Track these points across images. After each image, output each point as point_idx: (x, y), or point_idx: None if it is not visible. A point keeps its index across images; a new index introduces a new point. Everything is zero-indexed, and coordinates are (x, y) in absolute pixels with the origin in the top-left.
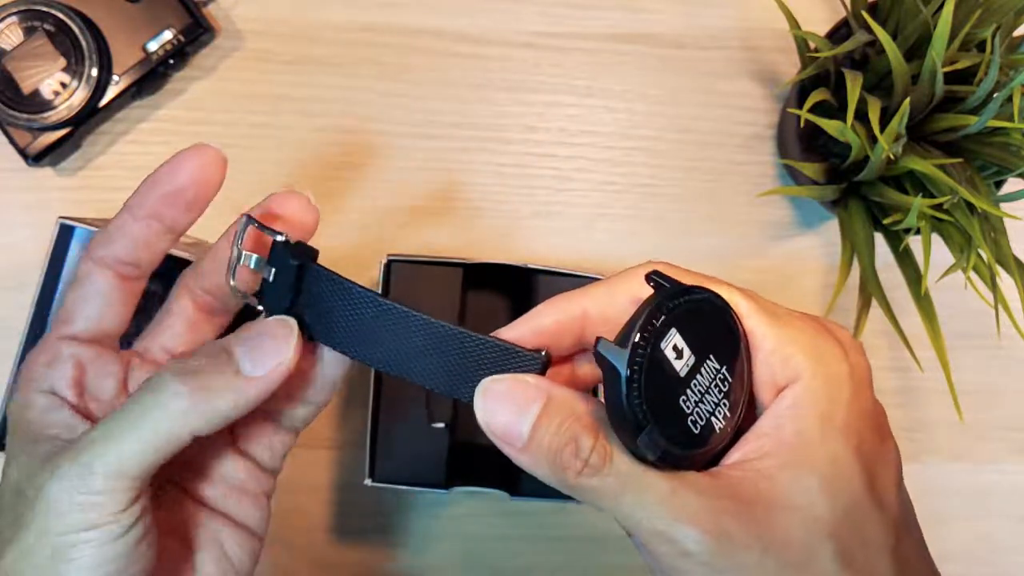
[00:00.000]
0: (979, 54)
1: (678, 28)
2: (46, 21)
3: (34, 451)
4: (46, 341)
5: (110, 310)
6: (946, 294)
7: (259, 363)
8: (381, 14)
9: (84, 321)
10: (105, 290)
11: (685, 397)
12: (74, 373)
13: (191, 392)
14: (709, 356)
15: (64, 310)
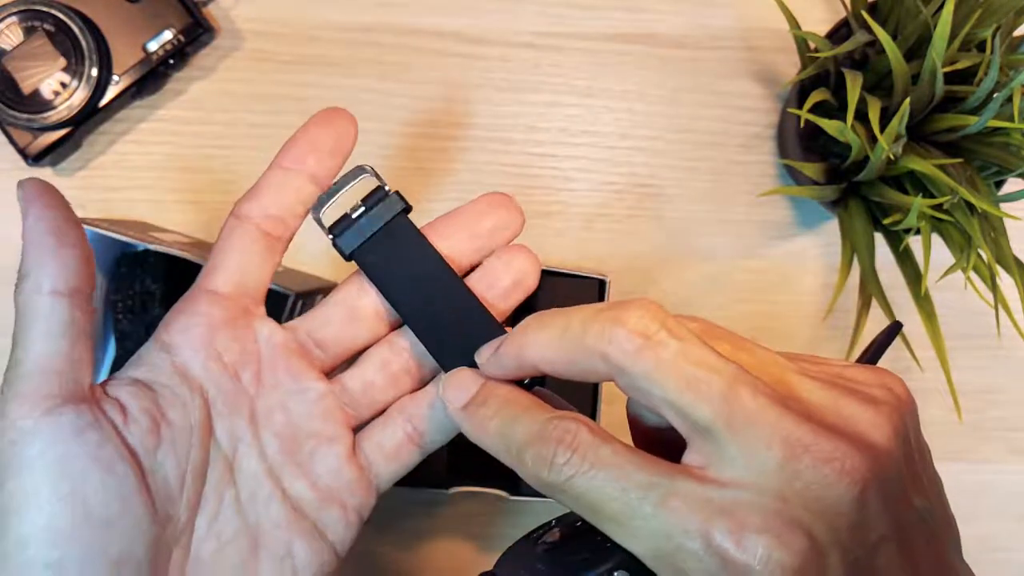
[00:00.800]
0: (979, 54)
1: (678, 28)
2: (46, 21)
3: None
4: (190, 294)
5: (253, 264)
6: (946, 294)
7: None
8: (381, 14)
9: (226, 276)
10: (248, 244)
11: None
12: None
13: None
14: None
15: (207, 265)
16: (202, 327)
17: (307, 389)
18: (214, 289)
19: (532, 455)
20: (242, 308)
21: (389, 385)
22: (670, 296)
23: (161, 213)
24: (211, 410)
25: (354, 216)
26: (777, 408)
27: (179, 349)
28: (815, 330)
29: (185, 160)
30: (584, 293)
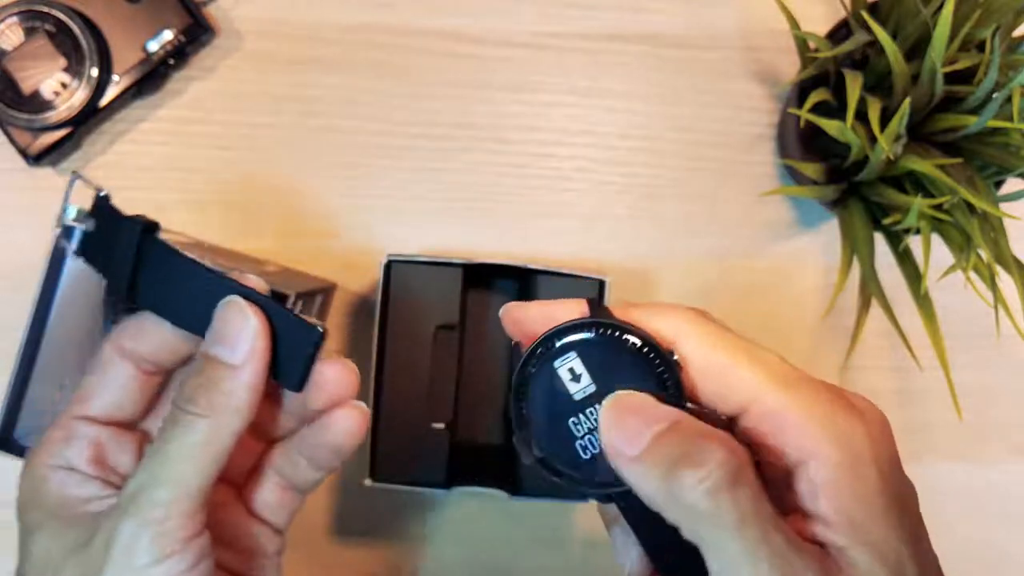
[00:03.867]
0: (979, 54)
1: (678, 28)
2: (46, 22)
3: (62, 519)
4: (61, 418)
5: (128, 399)
6: (946, 294)
7: (236, 344)
8: (381, 14)
9: (101, 405)
10: (125, 381)
11: (576, 420)
12: (92, 451)
13: (205, 410)
14: (615, 391)
15: (82, 391)
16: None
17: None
18: (89, 415)
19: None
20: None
21: (249, 454)
22: (670, 296)
23: (161, 213)
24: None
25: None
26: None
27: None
28: (815, 330)
29: (185, 160)
30: (584, 293)
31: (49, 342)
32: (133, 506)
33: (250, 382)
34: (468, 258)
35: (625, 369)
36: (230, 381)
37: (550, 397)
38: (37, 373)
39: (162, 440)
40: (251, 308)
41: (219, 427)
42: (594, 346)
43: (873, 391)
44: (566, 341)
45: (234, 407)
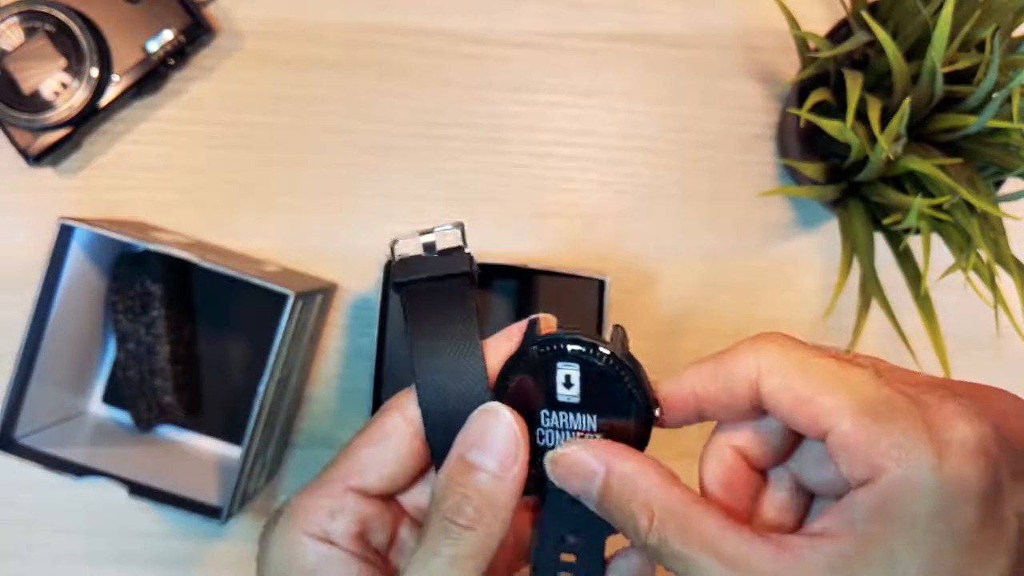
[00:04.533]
0: (979, 54)
1: (678, 28)
2: (46, 22)
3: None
4: (330, 487)
5: (404, 473)
6: (946, 294)
7: (505, 458)
8: (381, 14)
9: (380, 479)
10: (406, 452)
11: (547, 413)
12: (358, 528)
13: (474, 523)
14: (592, 414)
15: (358, 460)
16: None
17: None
18: (363, 488)
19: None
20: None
21: (504, 570)
22: (670, 296)
23: (161, 213)
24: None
25: (422, 255)
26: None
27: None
28: (815, 330)
29: (185, 160)
30: (584, 293)
31: (49, 342)
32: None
33: (514, 491)
34: None
35: (612, 402)
36: (495, 493)
37: (534, 383)
38: (37, 373)
39: (430, 552)
40: (516, 420)
41: (486, 540)
42: (596, 369)
43: None
44: (578, 351)
45: (500, 519)
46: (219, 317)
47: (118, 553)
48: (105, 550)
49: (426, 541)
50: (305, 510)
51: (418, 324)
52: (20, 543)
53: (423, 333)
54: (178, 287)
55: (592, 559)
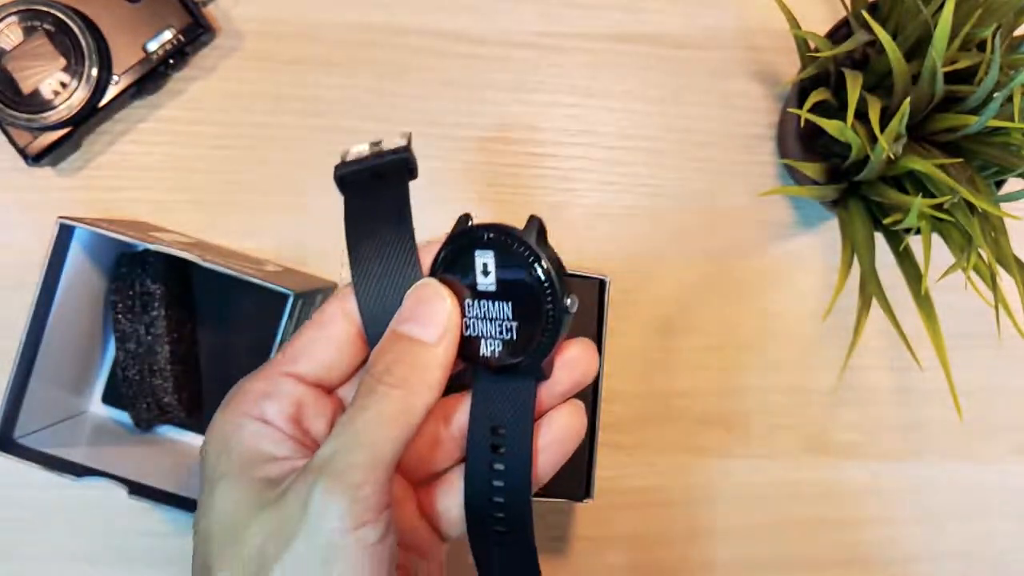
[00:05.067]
0: (979, 54)
1: (678, 28)
2: (46, 21)
3: (252, 476)
4: (267, 370)
5: (339, 364)
6: (946, 294)
7: (433, 325)
8: (381, 14)
9: (312, 364)
10: (342, 343)
11: (470, 303)
12: (292, 410)
13: (400, 384)
14: (507, 301)
15: (293, 347)
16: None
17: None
18: (297, 373)
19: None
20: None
21: (443, 458)
22: (670, 296)
23: (161, 213)
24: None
25: (364, 154)
26: None
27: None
28: (815, 330)
29: (185, 160)
30: (584, 293)
31: (49, 341)
32: (329, 468)
33: (443, 360)
34: None
35: (525, 289)
36: (424, 356)
37: (461, 273)
38: (37, 373)
39: (357, 408)
40: (445, 290)
41: (412, 399)
42: (509, 255)
43: (873, 391)
44: (492, 237)
45: (427, 381)
46: (219, 317)
47: (118, 553)
48: (105, 550)
49: (354, 401)
50: (243, 392)
51: (354, 219)
52: (20, 543)
53: (359, 228)
54: (178, 287)
55: (520, 443)
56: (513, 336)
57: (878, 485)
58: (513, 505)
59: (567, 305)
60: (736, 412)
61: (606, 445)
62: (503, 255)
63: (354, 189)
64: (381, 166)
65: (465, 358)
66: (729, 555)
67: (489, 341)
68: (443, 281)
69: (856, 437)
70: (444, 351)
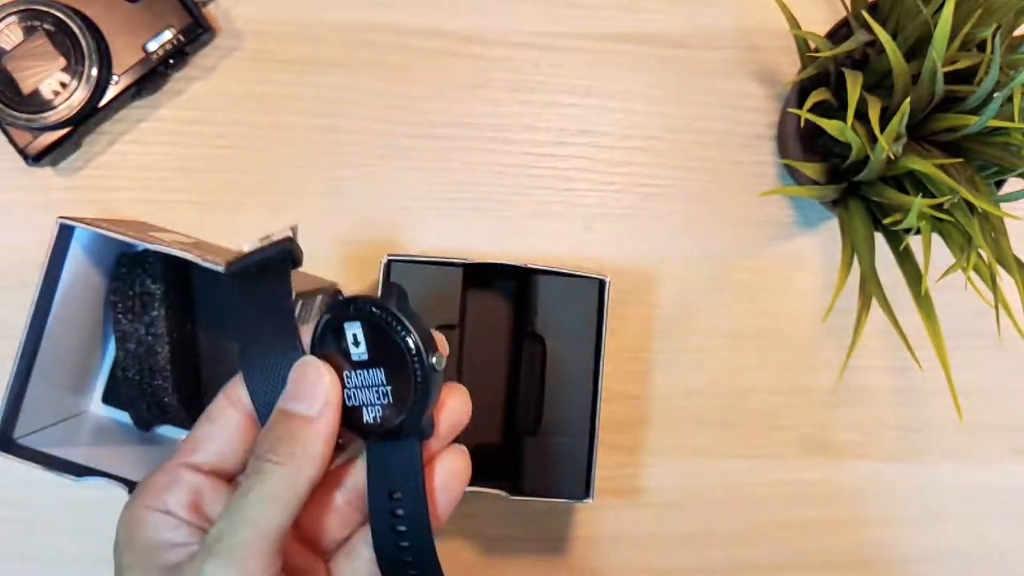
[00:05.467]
0: (979, 54)
1: (678, 28)
2: (46, 21)
3: (153, 564)
4: (168, 464)
5: (232, 450)
6: (946, 294)
7: (314, 399)
8: (381, 14)
9: (207, 454)
10: (233, 431)
11: (348, 374)
12: (191, 498)
13: (284, 458)
14: (380, 368)
15: (192, 439)
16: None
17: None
18: (194, 464)
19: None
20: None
21: (343, 525)
22: (670, 296)
23: (161, 213)
24: None
25: (254, 248)
26: None
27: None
28: (815, 330)
29: (185, 160)
30: (584, 293)
31: (49, 341)
32: (217, 546)
33: (325, 432)
34: (468, 258)
35: (393, 352)
36: (306, 431)
37: (337, 347)
38: (37, 373)
39: (243, 489)
40: (324, 366)
41: (296, 474)
42: (373, 322)
43: (873, 391)
44: (356, 308)
45: (310, 455)
46: (219, 317)
47: None
48: (105, 550)
49: (243, 481)
50: (146, 487)
51: (238, 312)
52: (20, 543)
53: (244, 320)
54: (178, 287)
55: (416, 502)
56: (390, 399)
57: (878, 485)
58: (421, 557)
59: (433, 363)
60: (736, 412)
61: (606, 445)
62: (368, 325)
63: (240, 283)
64: (265, 259)
65: (351, 428)
66: (729, 555)
67: (370, 408)
68: (322, 356)
69: (856, 437)
70: (326, 423)
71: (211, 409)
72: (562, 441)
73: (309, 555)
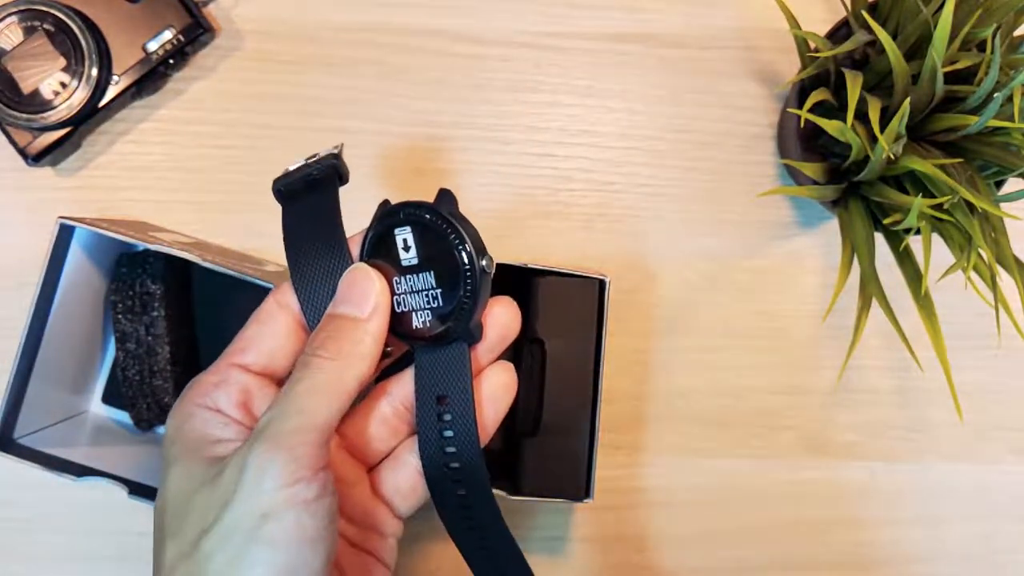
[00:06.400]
0: (979, 54)
1: (678, 28)
2: (46, 21)
3: (199, 456)
4: (218, 363)
5: (282, 352)
6: (946, 294)
7: (364, 302)
8: (381, 14)
9: (258, 355)
10: (283, 333)
11: (398, 280)
12: (240, 397)
13: (333, 354)
14: (429, 271)
15: (242, 339)
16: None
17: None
18: (244, 364)
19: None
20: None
21: (390, 436)
22: (670, 296)
23: (161, 213)
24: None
25: (299, 165)
26: None
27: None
28: (815, 330)
29: (185, 160)
30: (584, 293)
31: (49, 341)
32: (264, 433)
33: (375, 332)
34: None
35: (444, 256)
36: (356, 331)
37: (384, 252)
38: (37, 373)
39: (293, 381)
40: (374, 272)
41: (345, 369)
42: (424, 226)
43: (873, 391)
44: (408, 213)
45: (359, 353)
46: (219, 317)
47: (118, 553)
48: (105, 550)
49: (292, 375)
50: (197, 385)
51: (289, 224)
52: (20, 543)
53: (294, 231)
54: (178, 287)
55: (465, 409)
56: (440, 303)
57: (878, 485)
58: (468, 467)
59: (484, 266)
60: (736, 412)
61: (606, 445)
62: (419, 229)
63: (289, 198)
64: (312, 174)
65: (400, 334)
66: (729, 555)
67: (420, 313)
68: (372, 264)
69: (856, 437)
70: (376, 324)
71: (260, 311)
72: (562, 441)
73: (355, 465)
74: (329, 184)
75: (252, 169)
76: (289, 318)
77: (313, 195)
